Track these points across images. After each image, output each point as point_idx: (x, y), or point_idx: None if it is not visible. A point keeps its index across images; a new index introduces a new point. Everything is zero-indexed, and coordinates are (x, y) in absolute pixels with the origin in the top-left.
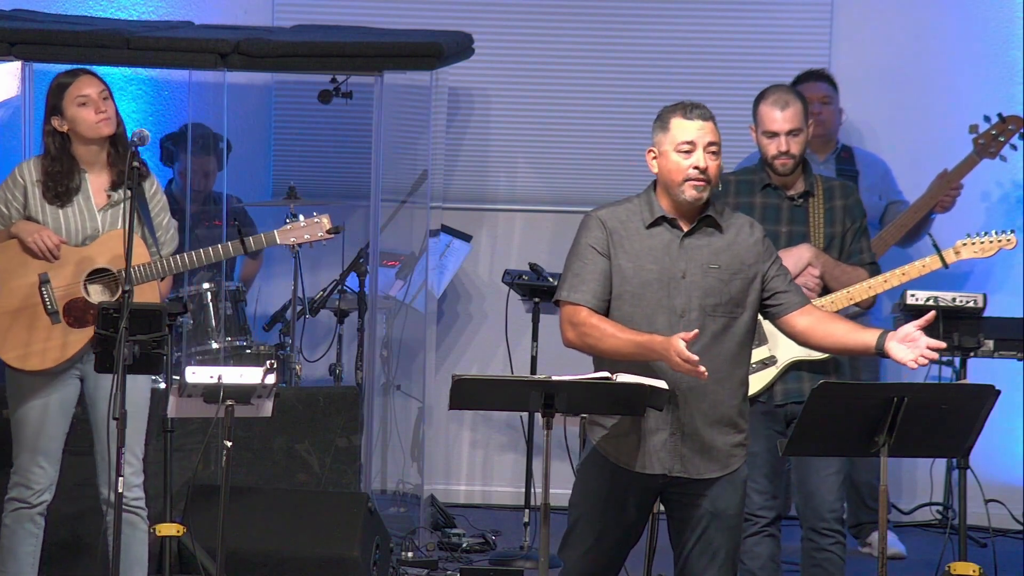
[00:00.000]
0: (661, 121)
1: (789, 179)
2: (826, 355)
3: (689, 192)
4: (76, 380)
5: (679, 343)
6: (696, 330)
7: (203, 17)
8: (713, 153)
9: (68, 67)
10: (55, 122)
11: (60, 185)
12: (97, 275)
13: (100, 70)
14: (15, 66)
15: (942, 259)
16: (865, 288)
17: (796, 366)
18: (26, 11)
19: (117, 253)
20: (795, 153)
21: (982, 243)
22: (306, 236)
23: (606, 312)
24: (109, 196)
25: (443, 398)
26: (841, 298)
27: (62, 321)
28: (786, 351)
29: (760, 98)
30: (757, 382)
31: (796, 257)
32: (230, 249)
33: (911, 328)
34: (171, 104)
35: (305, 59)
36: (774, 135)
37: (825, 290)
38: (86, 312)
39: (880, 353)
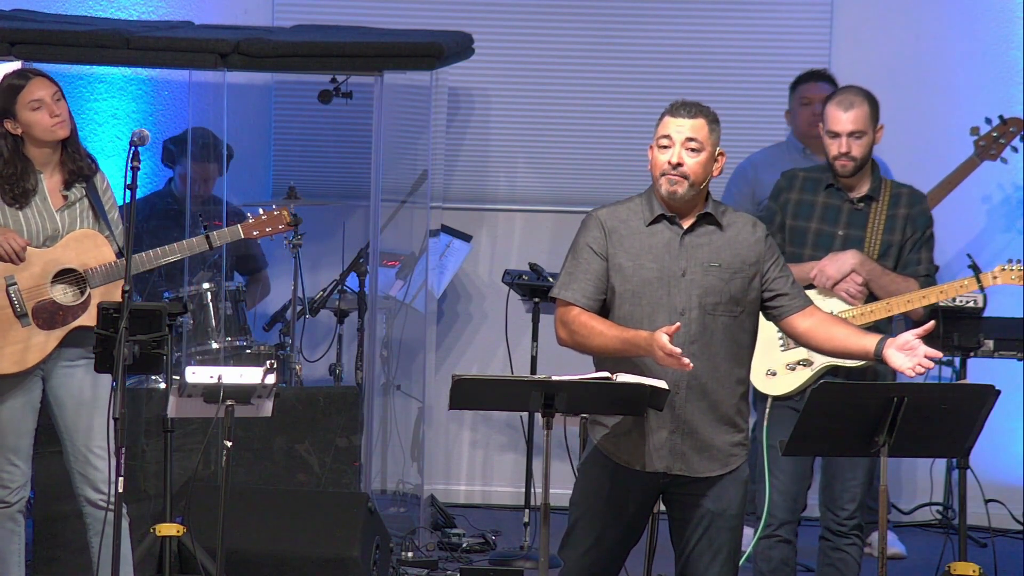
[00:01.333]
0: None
1: (853, 180)
2: (863, 362)
3: (664, 186)
4: (39, 379)
5: (661, 337)
6: (678, 323)
7: (203, 17)
8: (693, 150)
9: (70, 66)
10: (8, 125)
11: (17, 187)
12: (62, 276)
13: (100, 70)
14: (15, 66)
15: (980, 282)
16: (904, 302)
17: (833, 371)
18: (26, 11)
19: (81, 253)
20: (856, 156)
21: (1021, 271)
22: (267, 229)
23: (602, 311)
24: (65, 196)
25: (443, 398)
26: (880, 308)
27: (32, 323)
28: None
29: (829, 96)
30: (792, 382)
31: (840, 262)
32: (195, 244)
33: (910, 336)
34: (171, 104)
35: (305, 59)
36: (836, 135)
37: (872, 298)
38: (55, 313)
39: (878, 359)
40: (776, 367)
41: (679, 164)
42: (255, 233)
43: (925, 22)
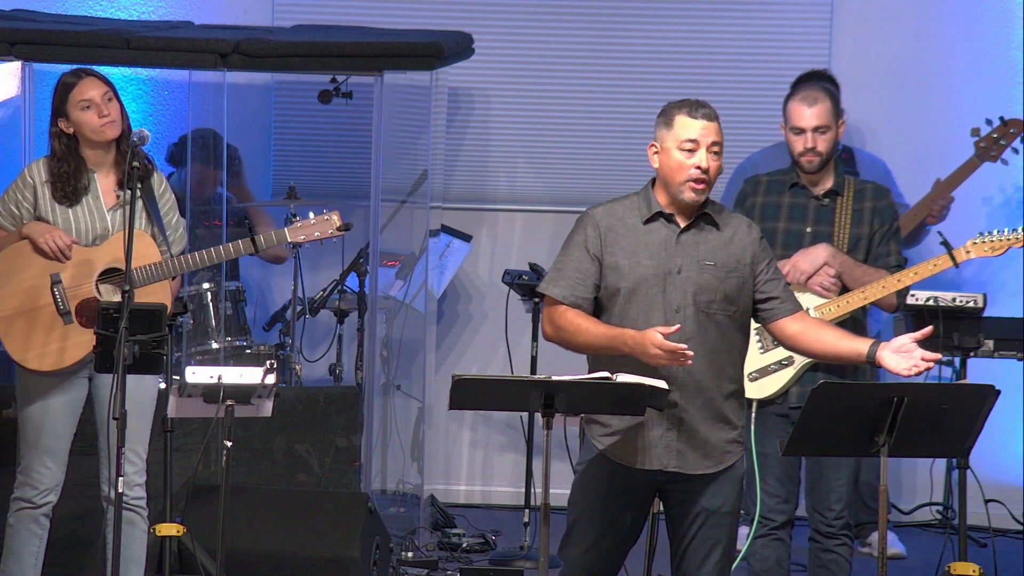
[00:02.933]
0: (665, 117)
1: (816, 177)
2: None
3: (688, 194)
4: (85, 380)
5: (656, 335)
6: (678, 325)
7: (203, 17)
8: (715, 153)
9: (70, 67)
10: (61, 124)
11: (68, 185)
12: (109, 275)
13: (100, 70)
14: (15, 66)
15: (952, 258)
16: (879, 288)
17: (813, 368)
18: (26, 11)
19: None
20: (821, 151)
21: (992, 241)
22: (316, 233)
23: (593, 308)
24: (118, 196)
25: (443, 398)
26: (856, 298)
27: (75, 321)
28: None
29: (790, 94)
30: (774, 383)
31: (813, 256)
32: (241, 247)
33: (907, 339)
34: (171, 104)
35: (305, 59)
36: (801, 131)
37: (845, 291)
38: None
39: (871, 362)
40: (757, 370)
41: (707, 169)
42: (302, 237)
43: (925, 22)
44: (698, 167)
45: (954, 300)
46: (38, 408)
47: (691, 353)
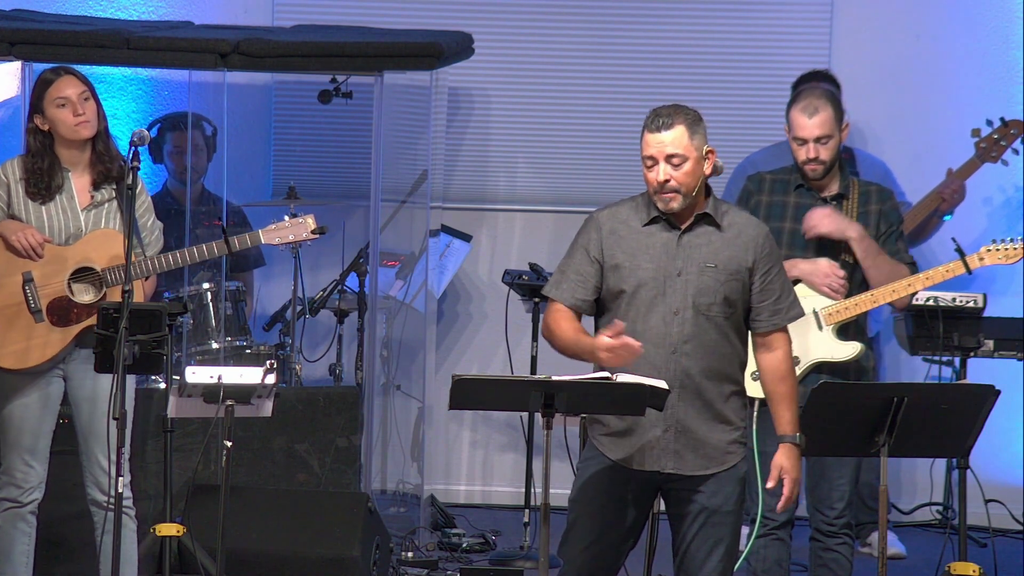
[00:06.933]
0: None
1: (823, 182)
2: (848, 357)
3: (660, 204)
4: (59, 379)
5: (603, 339)
6: (622, 323)
7: (203, 17)
8: (676, 164)
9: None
10: (37, 120)
11: (42, 182)
12: (81, 274)
13: (100, 70)
14: (15, 66)
15: (966, 265)
16: (889, 291)
17: (817, 368)
18: (26, 11)
19: (101, 252)
20: (825, 159)
21: (1007, 249)
22: (290, 236)
23: (594, 310)
24: (92, 196)
25: (443, 398)
26: (865, 300)
27: (45, 320)
28: (810, 352)
29: (792, 101)
30: None
31: (842, 224)
32: (215, 249)
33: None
34: (171, 104)
35: (305, 59)
36: (803, 141)
37: (850, 294)
38: (69, 311)
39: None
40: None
41: (667, 181)
42: (277, 240)
43: (925, 22)
44: (656, 181)
45: (954, 300)
46: (13, 407)
47: (638, 344)
